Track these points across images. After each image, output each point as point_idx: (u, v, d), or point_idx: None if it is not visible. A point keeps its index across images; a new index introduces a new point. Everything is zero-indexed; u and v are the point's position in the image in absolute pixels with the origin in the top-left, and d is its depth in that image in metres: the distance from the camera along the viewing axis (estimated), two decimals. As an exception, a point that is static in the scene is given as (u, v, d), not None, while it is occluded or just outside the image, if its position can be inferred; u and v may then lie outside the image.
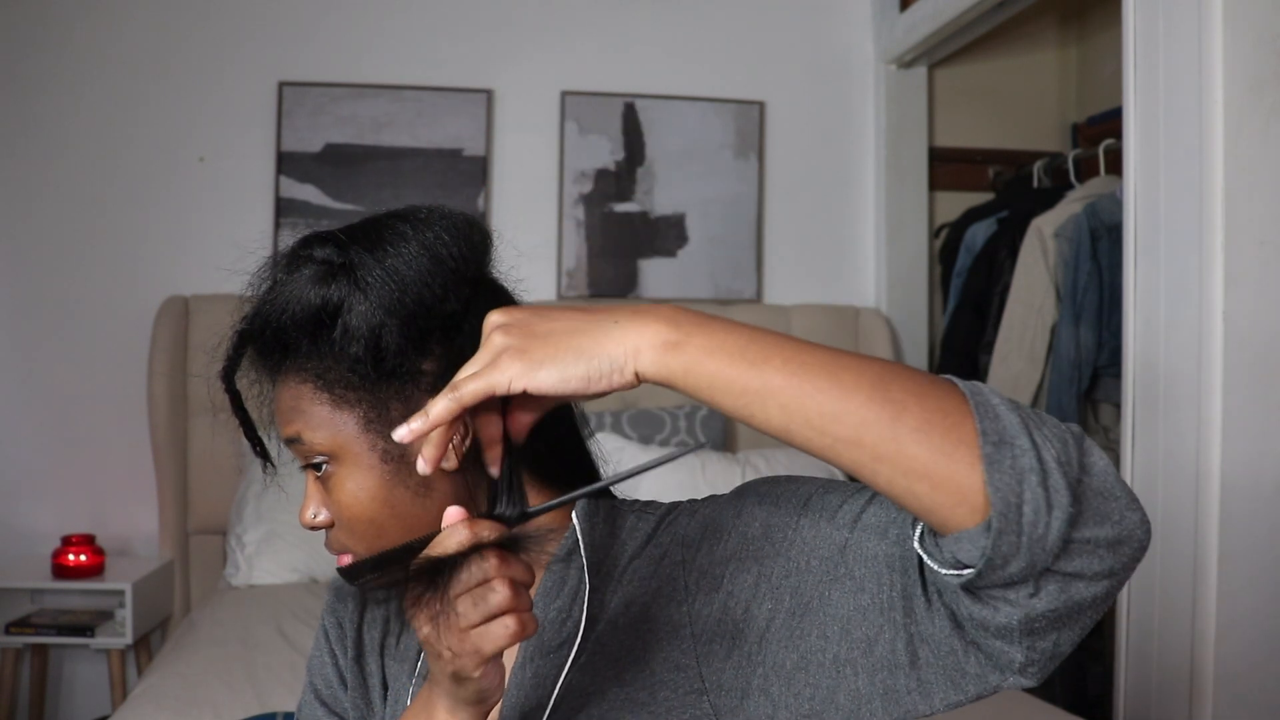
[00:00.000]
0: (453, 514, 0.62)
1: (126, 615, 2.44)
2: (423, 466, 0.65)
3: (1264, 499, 1.71)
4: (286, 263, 0.73)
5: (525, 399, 0.64)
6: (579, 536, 0.76)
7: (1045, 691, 2.55)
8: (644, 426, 2.72)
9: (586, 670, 0.73)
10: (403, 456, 0.73)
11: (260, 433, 0.80)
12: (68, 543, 2.50)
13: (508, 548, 0.62)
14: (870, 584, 0.63)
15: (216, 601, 2.37)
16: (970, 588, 0.56)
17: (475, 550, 0.60)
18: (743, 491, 0.73)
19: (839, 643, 0.64)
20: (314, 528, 0.77)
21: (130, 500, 2.76)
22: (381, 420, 0.73)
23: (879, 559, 0.63)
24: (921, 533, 0.60)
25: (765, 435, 0.59)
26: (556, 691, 0.72)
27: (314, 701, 0.89)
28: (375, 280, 0.70)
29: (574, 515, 0.77)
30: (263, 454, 0.81)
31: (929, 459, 0.54)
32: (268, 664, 1.94)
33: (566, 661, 0.72)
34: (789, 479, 0.73)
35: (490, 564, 0.60)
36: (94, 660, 2.73)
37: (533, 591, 0.76)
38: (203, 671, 1.91)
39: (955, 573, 0.57)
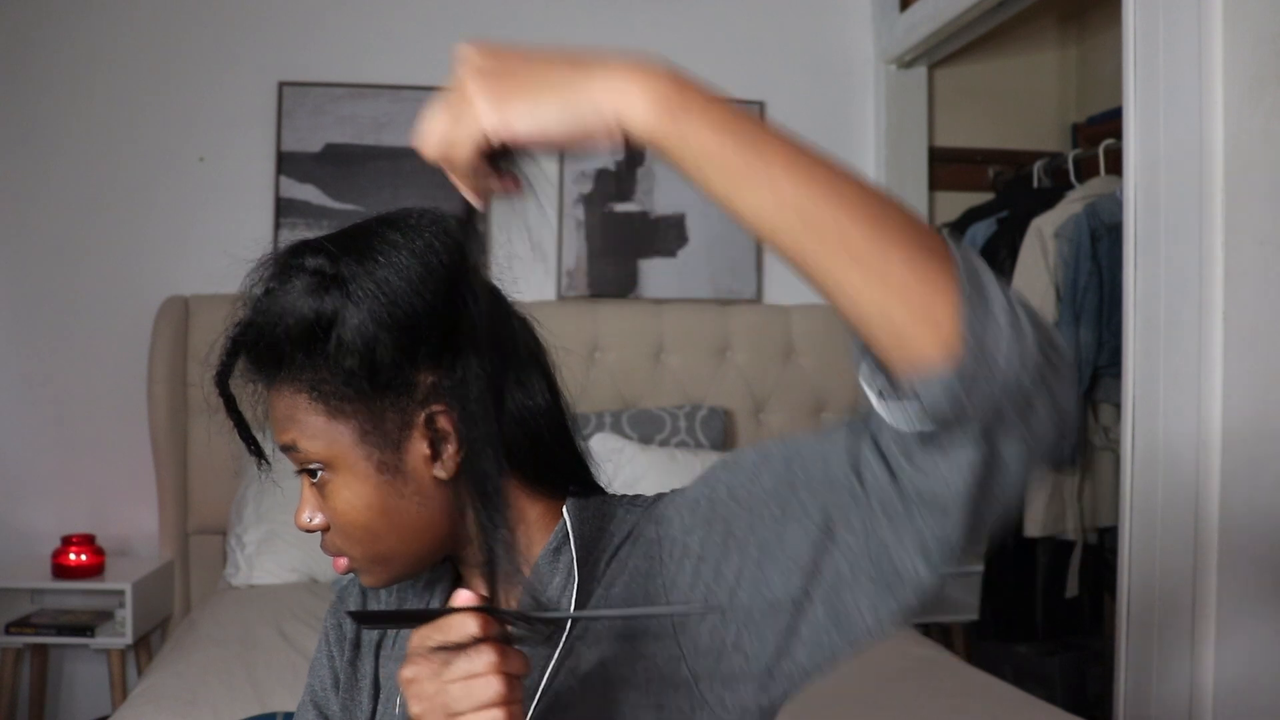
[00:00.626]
0: (463, 598, 0.62)
1: (126, 615, 2.44)
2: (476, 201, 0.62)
3: (1264, 499, 1.71)
4: (278, 271, 0.73)
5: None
6: (569, 531, 0.77)
7: (1045, 691, 2.55)
8: (644, 426, 2.72)
9: (575, 653, 0.74)
10: (399, 467, 0.74)
11: (255, 432, 0.81)
12: (68, 543, 2.50)
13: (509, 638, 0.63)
14: (815, 509, 0.64)
15: (216, 601, 2.37)
16: (924, 439, 0.56)
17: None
18: (714, 464, 0.74)
19: (797, 576, 0.65)
20: (309, 530, 0.78)
21: (130, 500, 2.76)
22: (377, 432, 0.73)
23: (823, 480, 0.63)
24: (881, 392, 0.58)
25: (743, 222, 0.55)
26: (545, 678, 0.73)
27: (308, 704, 0.90)
28: (367, 292, 0.70)
29: (565, 510, 0.78)
30: (257, 452, 0.82)
31: (909, 276, 0.53)
32: (268, 664, 1.94)
33: (554, 653, 0.74)
34: (760, 442, 0.74)
35: (488, 658, 0.60)
36: (94, 660, 2.73)
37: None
38: (203, 671, 1.91)
39: (915, 429, 0.56)
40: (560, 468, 0.81)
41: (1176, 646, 1.78)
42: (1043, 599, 2.68)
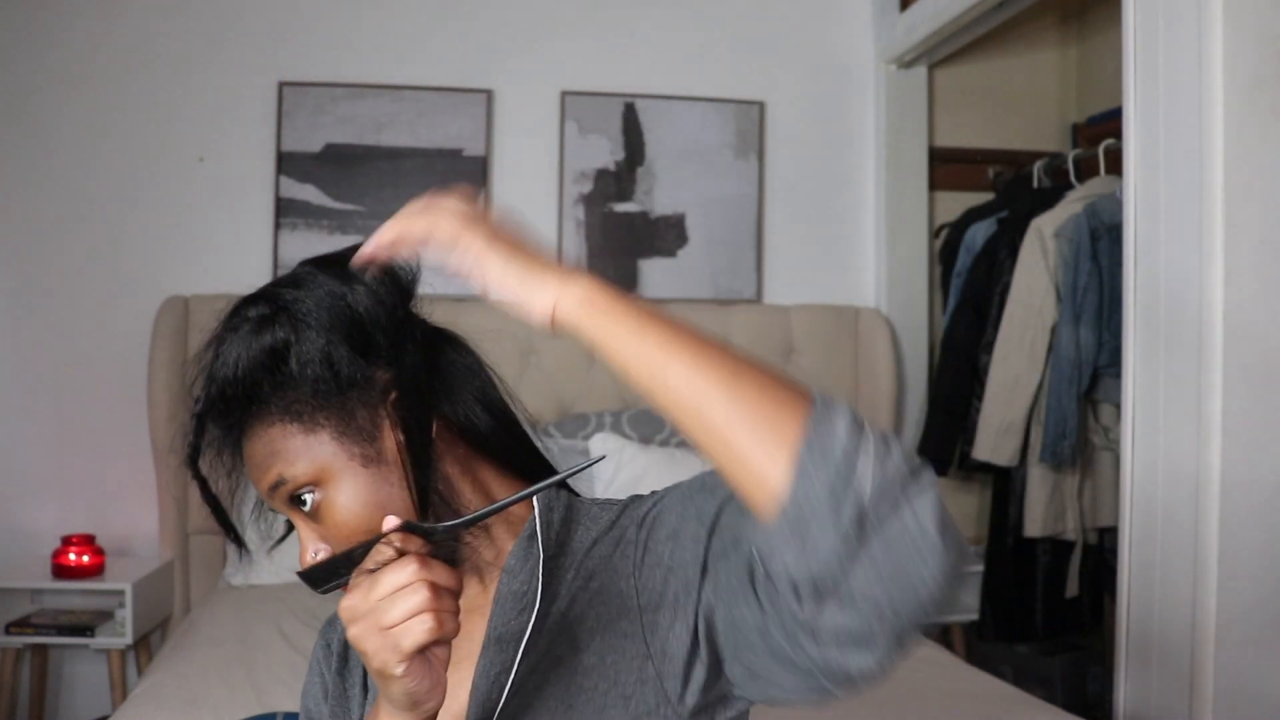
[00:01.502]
0: (389, 522, 0.68)
1: (126, 615, 2.44)
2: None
3: (1264, 499, 1.71)
4: (223, 331, 0.79)
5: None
6: (536, 519, 0.81)
7: (1045, 691, 2.55)
8: (644, 427, 2.72)
9: (547, 638, 0.78)
10: (380, 457, 0.78)
11: (232, 517, 0.85)
12: (68, 543, 2.50)
13: (438, 555, 0.68)
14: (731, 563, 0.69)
15: (216, 601, 2.37)
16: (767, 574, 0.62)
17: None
18: (694, 478, 0.79)
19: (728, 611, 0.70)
20: None
21: (130, 500, 2.76)
22: (353, 429, 0.78)
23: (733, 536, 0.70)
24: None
25: (635, 389, 0.67)
26: (519, 655, 0.77)
27: None
28: (310, 309, 0.77)
29: (534, 501, 0.82)
30: (237, 540, 0.86)
31: (748, 440, 0.61)
32: (268, 664, 1.94)
33: (526, 627, 0.77)
34: (713, 473, 0.78)
35: (411, 568, 0.65)
36: (94, 660, 2.73)
37: (480, 595, 0.83)
38: (203, 671, 1.91)
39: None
40: (528, 456, 0.88)
41: (1176, 646, 1.78)
42: (1043, 599, 2.68)
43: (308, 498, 0.78)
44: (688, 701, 0.73)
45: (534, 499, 0.82)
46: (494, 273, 0.68)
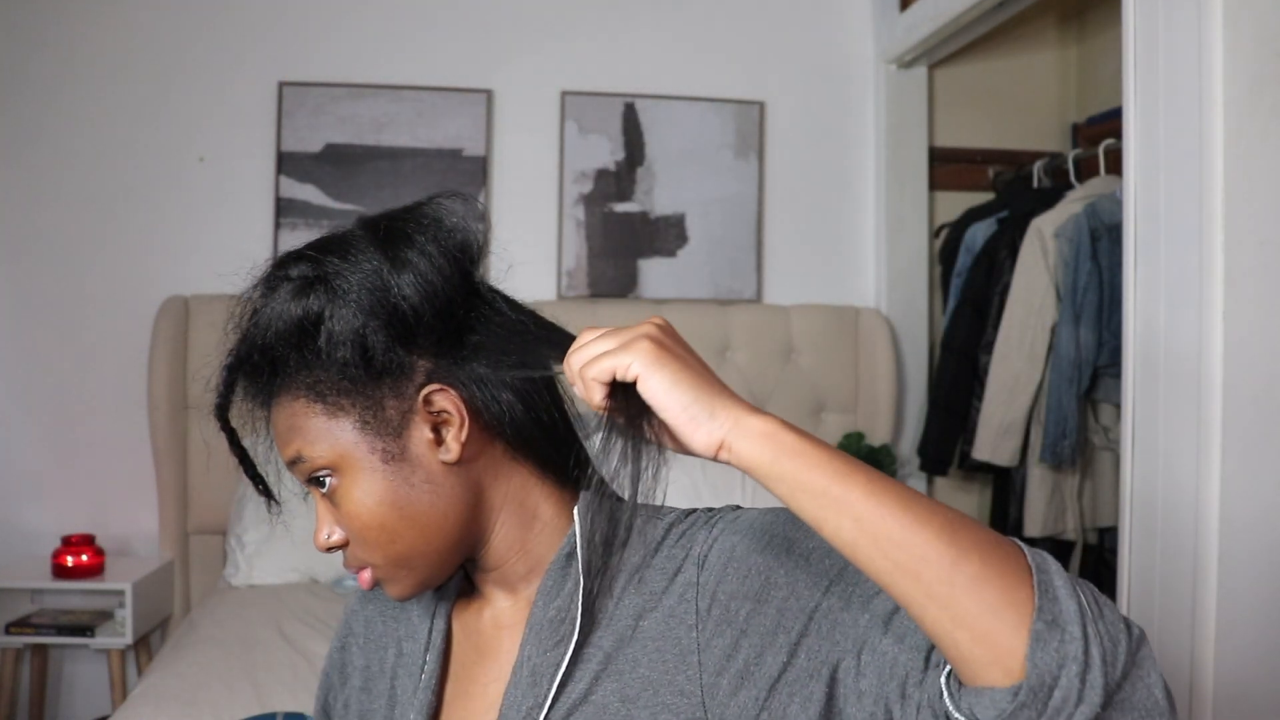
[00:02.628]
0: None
1: (126, 615, 2.44)
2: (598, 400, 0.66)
3: (1264, 499, 1.71)
4: (264, 287, 0.74)
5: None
6: (578, 537, 0.75)
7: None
8: (644, 426, 2.72)
9: (593, 681, 0.72)
10: (403, 455, 0.74)
11: (260, 470, 0.81)
12: (68, 543, 2.50)
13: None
14: (872, 679, 0.64)
15: (216, 601, 2.37)
16: None
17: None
18: (771, 530, 0.72)
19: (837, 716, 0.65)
20: (330, 549, 0.77)
21: (130, 500, 2.76)
22: (378, 421, 0.73)
23: (890, 662, 0.64)
24: (949, 672, 0.60)
25: (831, 543, 0.61)
26: (553, 690, 0.72)
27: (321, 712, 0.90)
28: (352, 285, 0.71)
29: (575, 514, 0.77)
30: (265, 492, 0.82)
31: (978, 612, 0.56)
32: (268, 664, 1.94)
33: (563, 660, 0.73)
34: (827, 550, 0.72)
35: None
36: (94, 660, 2.73)
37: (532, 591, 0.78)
38: (203, 671, 1.91)
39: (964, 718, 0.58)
40: (567, 456, 0.81)
41: (1176, 646, 1.78)
42: (1043, 599, 2.68)
43: (326, 480, 0.74)
44: None
45: (574, 514, 0.77)
46: (662, 385, 0.62)
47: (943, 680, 0.60)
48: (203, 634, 2.13)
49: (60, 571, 2.48)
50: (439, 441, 0.74)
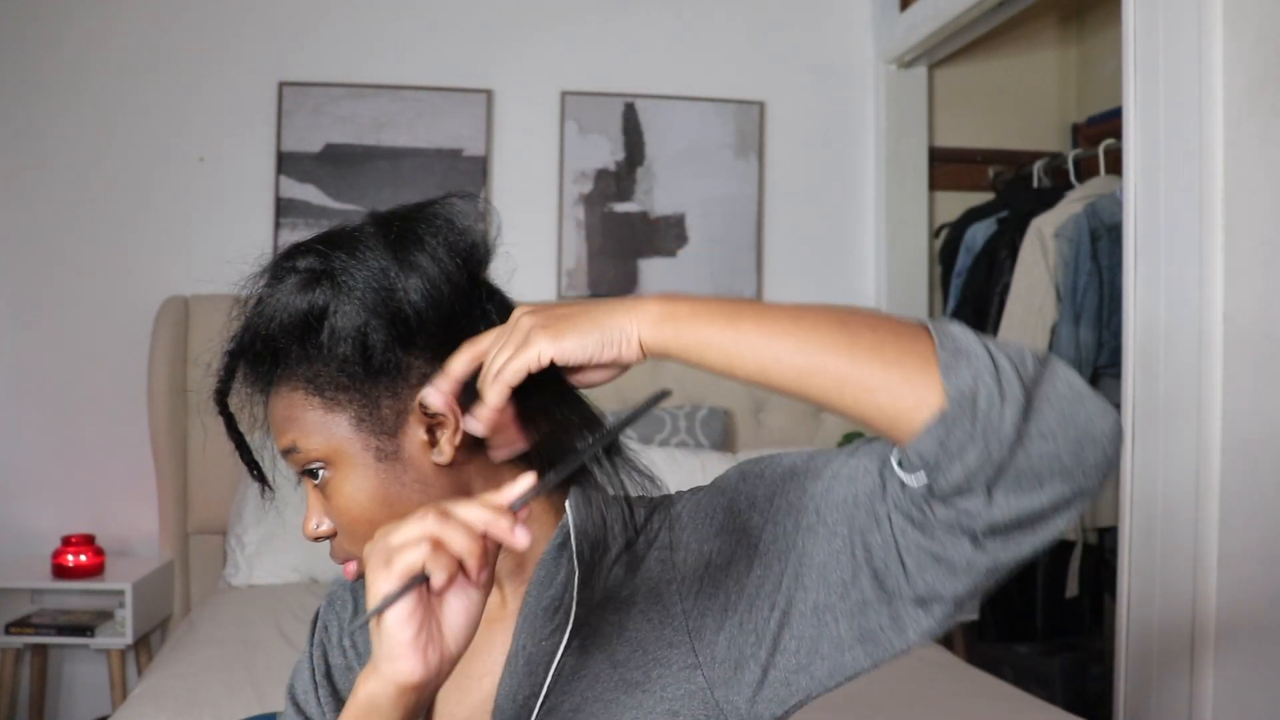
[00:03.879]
0: (523, 482, 0.64)
1: (126, 615, 2.44)
2: (477, 427, 0.71)
3: (1264, 499, 1.71)
4: (270, 275, 0.75)
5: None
6: (570, 527, 0.76)
7: (1045, 691, 2.55)
8: (644, 427, 2.72)
9: (580, 654, 0.74)
10: (396, 454, 0.74)
11: (256, 456, 0.81)
12: (68, 543, 2.50)
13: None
14: (842, 528, 0.67)
15: (216, 601, 2.37)
16: (937, 495, 0.61)
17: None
18: (731, 472, 0.77)
19: (817, 590, 0.68)
20: (318, 538, 0.78)
21: (130, 500, 2.76)
22: (374, 419, 0.74)
23: (848, 501, 0.67)
24: (899, 460, 0.64)
25: (749, 386, 0.66)
26: (549, 677, 0.73)
27: (291, 712, 0.89)
28: (358, 282, 0.72)
29: (567, 505, 0.77)
30: (260, 478, 0.82)
31: (885, 370, 0.61)
32: (268, 664, 1.94)
33: (559, 648, 0.73)
34: (775, 455, 0.76)
35: (435, 514, 0.62)
36: (94, 660, 2.73)
37: (521, 573, 0.79)
38: (203, 671, 1.91)
39: (924, 483, 0.62)
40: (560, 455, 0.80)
41: (1176, 646, 1.78)
42: (1043, 599, 2.68)
43: (319, 472, 0.75)
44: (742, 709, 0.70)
45: (566, 505, 0.77)
46: (572, 346, 0.66)
47: (896, 465, 0.64)
48: (203, 634, 2.13)
49: (60, 571, 2.48)
50: (432, 443, 0.74)
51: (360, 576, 0.78)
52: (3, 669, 2.53)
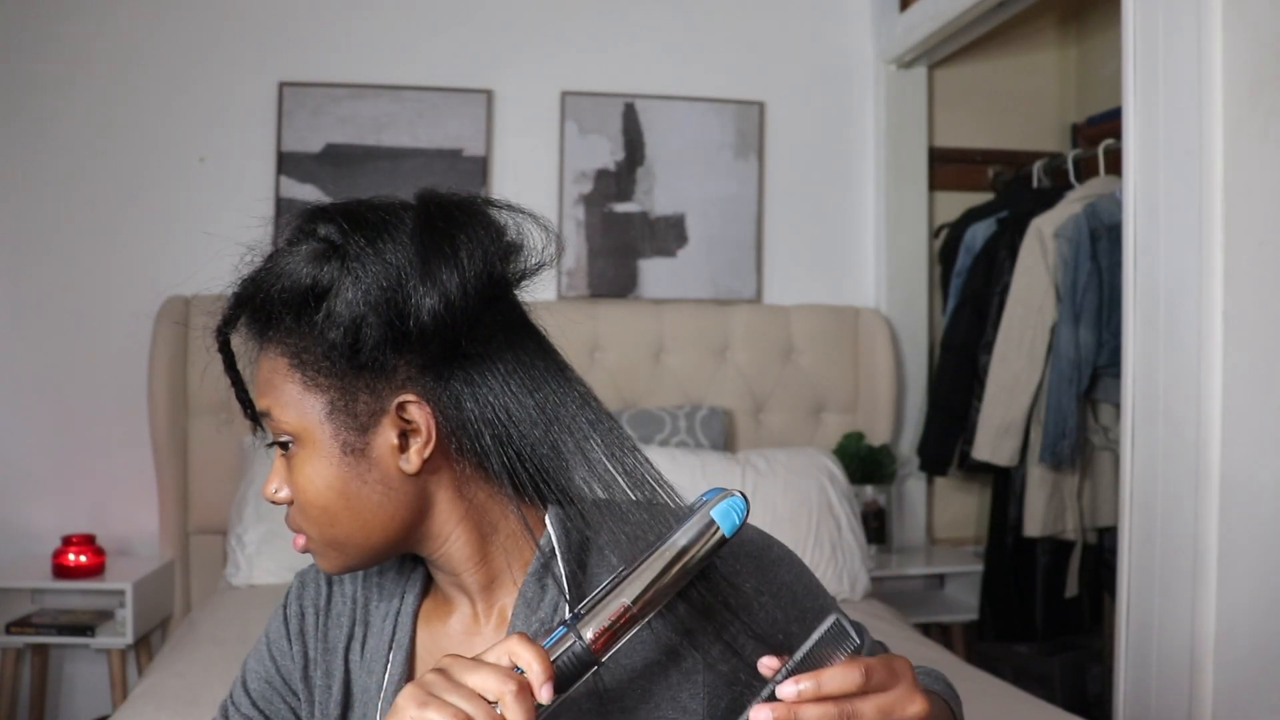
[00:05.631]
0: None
1: (127, 615, 2.44)
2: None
3: (1264, 499, 1.71)
4: (291, 233, 0.74)
5: None
6: (555, 546, 0.75)
7: (1045, 691, 2.55)
8: (644, 427, 2.72)
9: (584, 688, 0.72)
10: (363, 451, 0.74)
11: (251, 394, 0.80)
12: (68, 543, 2.50)
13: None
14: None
15: (217, 601, 2.37)
16: None
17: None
18: (767, 558, 0.78)
19: None
20: (275, 502, 0.78)
21: (130, 500, 2.76)
22: (347, 411, 0.73)
23: None
24: None
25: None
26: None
27: (242, 694, 0.88)
28: (368, 274, 0.70)
29: (547, 521, 0.76)
30: (252, 416, 0.81)
31: None
32: (268, 664, 1.94)
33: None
34: (813, 579, 0.81)
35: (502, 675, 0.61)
36: (94, 660, 2.73)
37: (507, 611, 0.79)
38: (203, 671, 1.91)
39: None
40: (539, 478, 0.75)
41: (1175, 646, 1.78)
42: (1043, 599, 2.68)
43: (288, 444, 0.75)
44: None
45: (546, 521, 0.76)
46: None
47: None
48: (203, 634, 2.13)
49: (60, 571, 2.48)
50: (402, 449, 0.74)
51: (307, 550, 0.78)
52: (3, 669, 2.53)
